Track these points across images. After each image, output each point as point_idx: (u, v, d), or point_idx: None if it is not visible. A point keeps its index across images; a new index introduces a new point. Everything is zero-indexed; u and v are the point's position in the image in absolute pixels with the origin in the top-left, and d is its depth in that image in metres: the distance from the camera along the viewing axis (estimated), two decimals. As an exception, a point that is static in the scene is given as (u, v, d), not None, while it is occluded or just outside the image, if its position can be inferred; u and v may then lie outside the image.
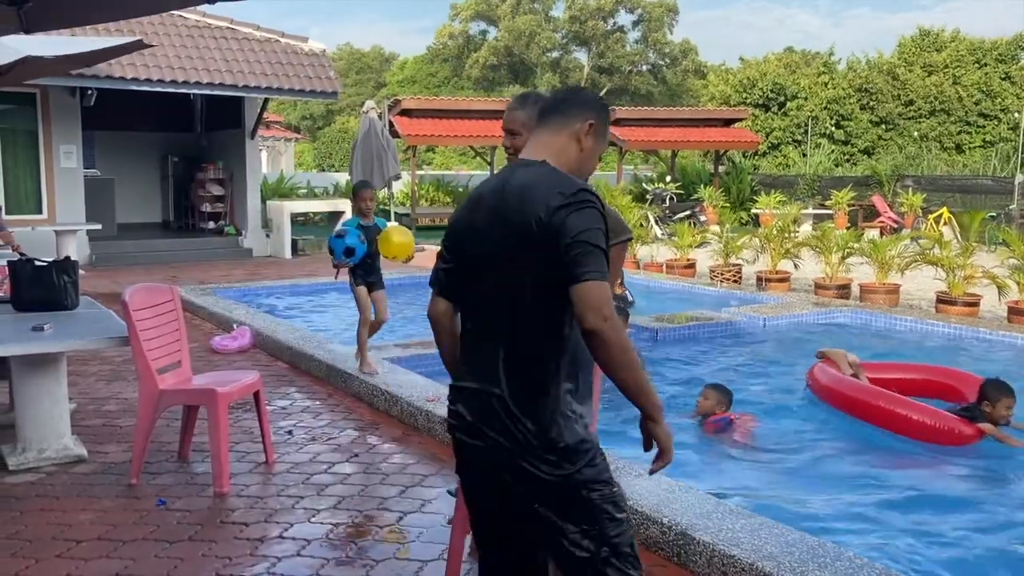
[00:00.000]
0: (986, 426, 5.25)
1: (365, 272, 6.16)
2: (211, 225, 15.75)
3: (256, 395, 4.70)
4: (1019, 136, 26.75)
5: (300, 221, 17.78)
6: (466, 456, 2.25)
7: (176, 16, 13.92)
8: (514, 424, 2.09)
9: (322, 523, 3.95)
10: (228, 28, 14.48)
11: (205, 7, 8.57)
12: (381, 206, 19.58)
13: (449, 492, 4.09)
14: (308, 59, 14.74)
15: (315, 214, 19.01)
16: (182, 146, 16.66)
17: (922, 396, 5.86)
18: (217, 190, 15.73)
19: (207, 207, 15.70)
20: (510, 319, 2.11)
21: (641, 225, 13.92)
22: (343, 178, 25.75)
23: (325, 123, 61.42)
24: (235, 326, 8.05)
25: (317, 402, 6.03)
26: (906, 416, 5.39)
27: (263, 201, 16.04)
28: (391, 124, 18.20)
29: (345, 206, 15.89)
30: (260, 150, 18.85)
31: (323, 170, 47.58)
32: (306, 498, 4.24)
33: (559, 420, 2.09)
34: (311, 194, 22.30)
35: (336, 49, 66.21)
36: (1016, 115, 29.61)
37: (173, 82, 13.23)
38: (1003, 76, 34.28)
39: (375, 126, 15.55)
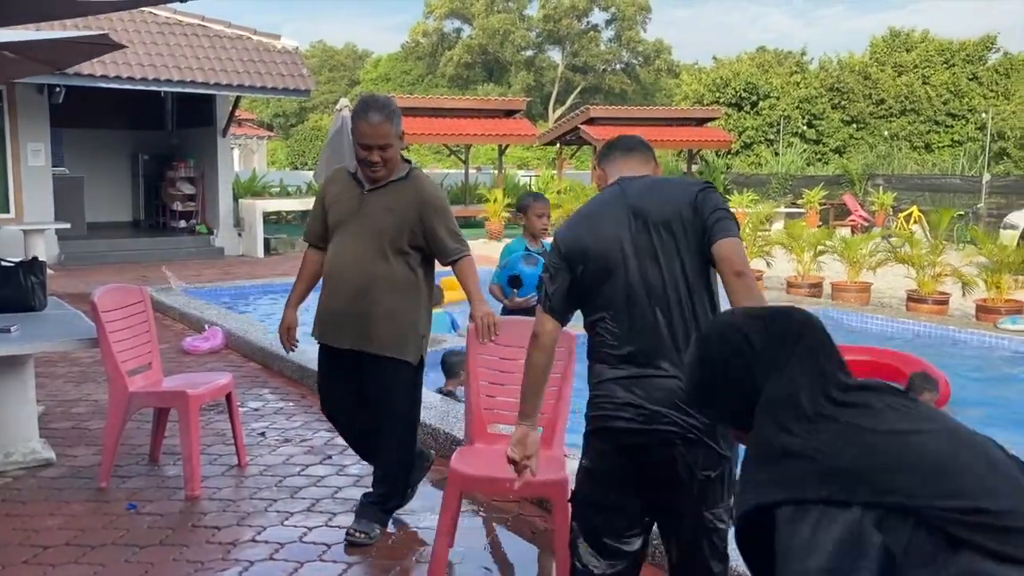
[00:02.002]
0: None
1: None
2: (182, 224, 15.59)
3: (228, 397, 4.66)
4: (986, 136, 27.14)
5: (273, 220, 17.65)
6: (631, 441, 2.40)
7: (146, 12, 13.76)
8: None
9: (296, 526, 3.92)
10: (199, 25, 14.34)
11: (176, 4, 8.47)
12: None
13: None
14: (281, 56, 14.63)
15: (288, 213, 18.87)
16: (153, 144, 16.47)
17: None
18: (188, 188, 15.58)
19: (178, 206, 15.54)
20: (675, 297, 2.40)
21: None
22: (316, 176, 25.58)
23: (298, 121, 61.05)
24: (206, 327, 7.97)
25: (290, 403, 5.98)
26: None
27: (235, 200, 15.90)
28: (365, 122, 18.10)
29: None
30: (232, 148, 18.69)
31: (296, 168, 47.29)
32: (279, 501, 4.21)
33: None
34: (284, 193, 22.12)
35: (309, 46, 65.77)
36: (983, 115, 30.01)
37: (144, 80, 13.08)
38: (970, 76, 34.74)
39: (347, 124, 15.46)
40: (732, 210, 2.46)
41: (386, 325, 3.56)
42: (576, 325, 8.24)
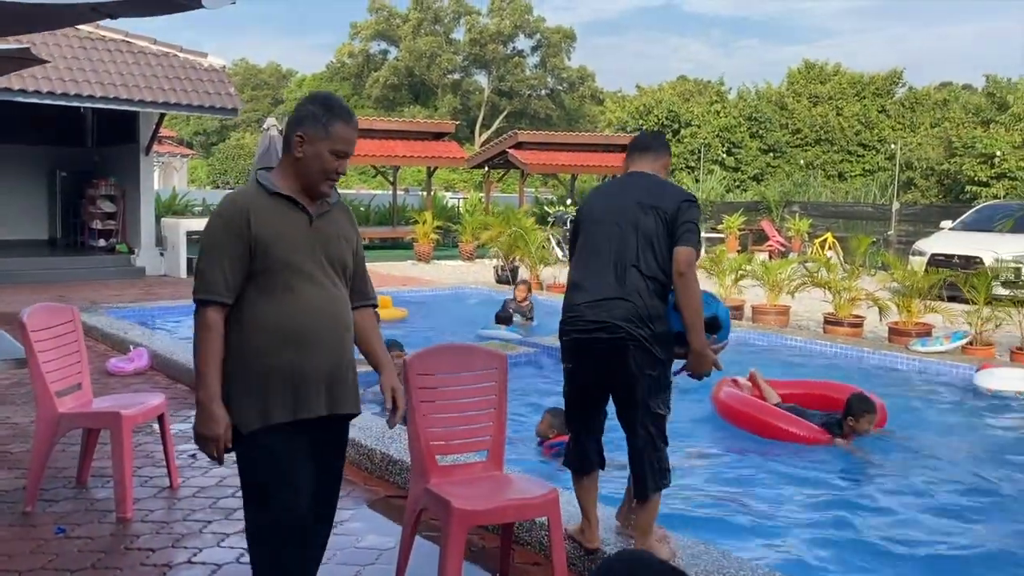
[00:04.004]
0: (838, 440, 5.83)
1: None
2: (102, 243, 15.19)
3: (161, 418, 4.60)
4: (895, 166, 28.35)
5: (195, 239, 17.31)
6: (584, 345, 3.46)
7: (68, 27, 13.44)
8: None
9: (232, 547, 3.89)
10: (123, 41, 14.07)
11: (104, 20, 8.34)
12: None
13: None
14: (207, 75, 14.45)
15: (212, 232, 18.54)
16: (72, 161, 16.02)
17: (813, 407, 6.31)
18: (109, 207, 15.20)
19: (98, 224, 15.15)
20: (631, 257, 3.38)
21: (543, 247, 14.14)
22: (240, 196, 25.20)
23: (220, 139, 60.10)
24: (131, 348, 7.81)
25: (221, 425, 5.89)
26: (784, 428, 5.94)
27: (157, 219, 15.58)
28: (292, 142, 17.94)
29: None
30: (154, 167, 18.31)
31: (218, 187, 46.45)
32: (214, 522, 4.17)
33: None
34: (207, 212, 21.78)
35: (231, 64, 64.87)
36: (892, 146, 31.36)
37: (64, 95, 12.76)
38: (880, 109, 36.33)
39: (275, 144, 15.33)
40: (696, 225, 3.36)
41: (354, 377, 2.87)
42: (508, 345, 8.23)
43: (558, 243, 17.22)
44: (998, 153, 28.08)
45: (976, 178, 28.45)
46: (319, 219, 2.77)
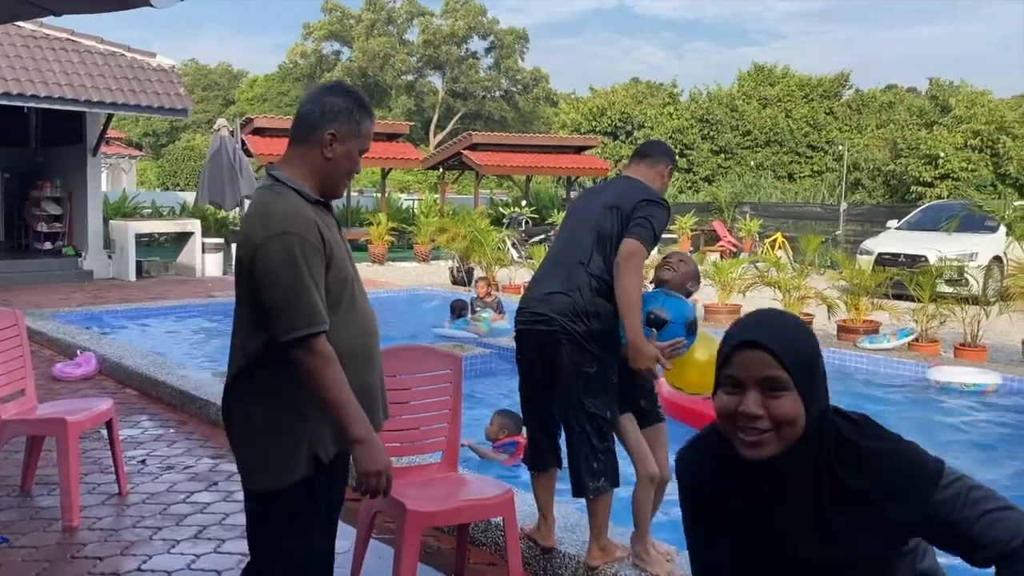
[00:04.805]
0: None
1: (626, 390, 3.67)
2: (48, 246, 14.87)
3: (109, 423, 4.51)
4: (843, 167, 28.89)
5: (145, 242, 17.04)
6: (525, 336, 3.52)
7: (9, 24, 13.13)
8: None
9: (183, 554, 3.83)
10: (68, 40, 13.78)
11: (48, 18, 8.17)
12: (232, 226, 19.00)
13: None
14: (156, 75, 14.22)
15: (161, 235, 18.25)
16: (15, 162, 15.64)
17: None
18: (54, 209, 14.88)
19: (43, 226, 14.82)
20: (582, 251, 3.42)
21: (499, 248, 14.14)
22: (191, 197, 24.86)
23: (169, 140, 59.10)
24: (78, 352, 7.65)
25: (171, 430, 5.82)
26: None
27: (105, 221, 15.28)
28: (243, 143, 17.75)
29: (195, 226, 15.36)
30: (102, 168, 17.96)
31: (168, 189, 45.70)
32: (164, 529, 4.10)
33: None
34: (156, 214, 21.42)
35: (181, 64, 63.87)
36: (840, 147, 31.95)
37: (6, 94, 12.47)
38: (827, 111, 36.96)
39: (226, 144, 15.14)
40: (652, 222, 3.34)
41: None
42: (466, 346, 8.21)
43: (513, 244, 17.25)
44: (941, 154, 28.78)
45: (921, 179, 29.12)
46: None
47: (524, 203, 23.28)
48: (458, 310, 10.11)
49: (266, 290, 2.25)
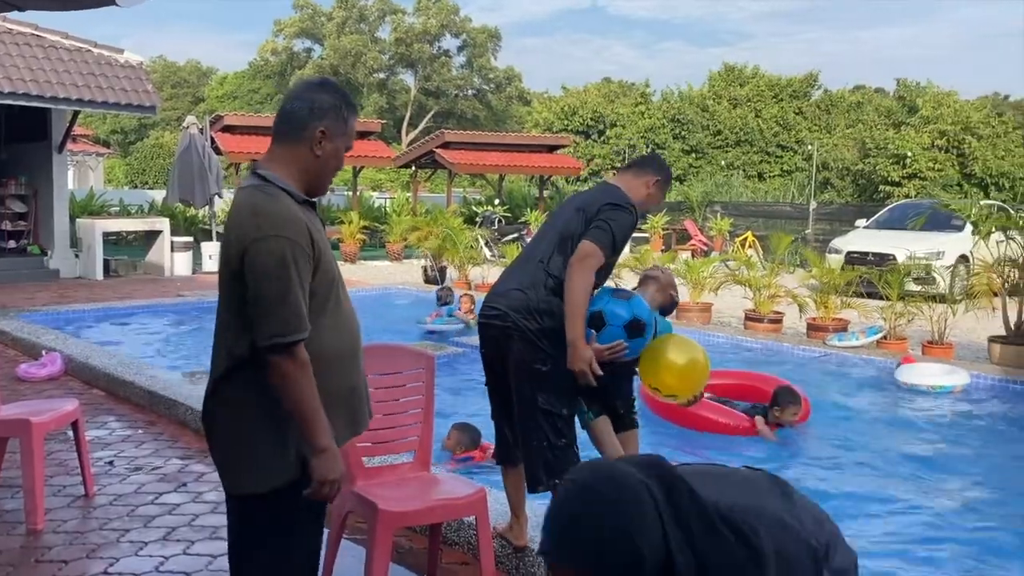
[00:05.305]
0: (758, 420, 6.02)
1: (601, 392, 3.58)
2: (12, 244, 14.62)
3: (75, 424, 4.44)
4: (812, 166, 29.17)
5: (112, 241, 16.83)
6: (483, 330, 3.57)
7: (-29, 19, 12.90)
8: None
9: (151, 556, 3.78)
10: (33, 35, 13.54)
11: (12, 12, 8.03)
12: (202, 225, 18.82)
13: None
14: (124, 71, 14.02)
15: (129, 233, 18.04)
16: (-23, 159, 15.36)
17: (739, 398, 6.44)
18: (19, 207, 14.64)
19: (7, 225, 14.57)
20: (546, 251, 3.46)
21: (472, 247, 14.12)
22: (160, 195, 24.59)
23: (138, 138, 58.45)
24: (43, 352, 7.53)
25: (139, 430, 5.74)
26: (713, 419, 6.08)
27: (72, 219, 15.06)
28: (213, 140, 17.58)
29: (164, 225, 15.18)
30: (68, 166, 17.71)
31: (136, 187, 45.16)
32: (132, 531, 4.04)
33: None
34: (124, 212, 21.17)
35: (149, 61, 63.14)
36: (809, 147, 32.26)
37: (-32, 90, 12.24)
38: (797, 111, 37.31)
39: (196, 142, 14.99)
40: (611, 225, 3.35)
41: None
42: (440, 346, 8.18)
43: (486, 243, 17.23)
44: (909, 154, 29.16)
45: (889, 178, 29.50)
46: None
47: (497, 202, 23.26)
48: (444, 298, 10.12)
49: (253, 292, 2.22)
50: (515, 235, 18.94)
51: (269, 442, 2.31)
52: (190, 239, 15.61)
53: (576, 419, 3.49)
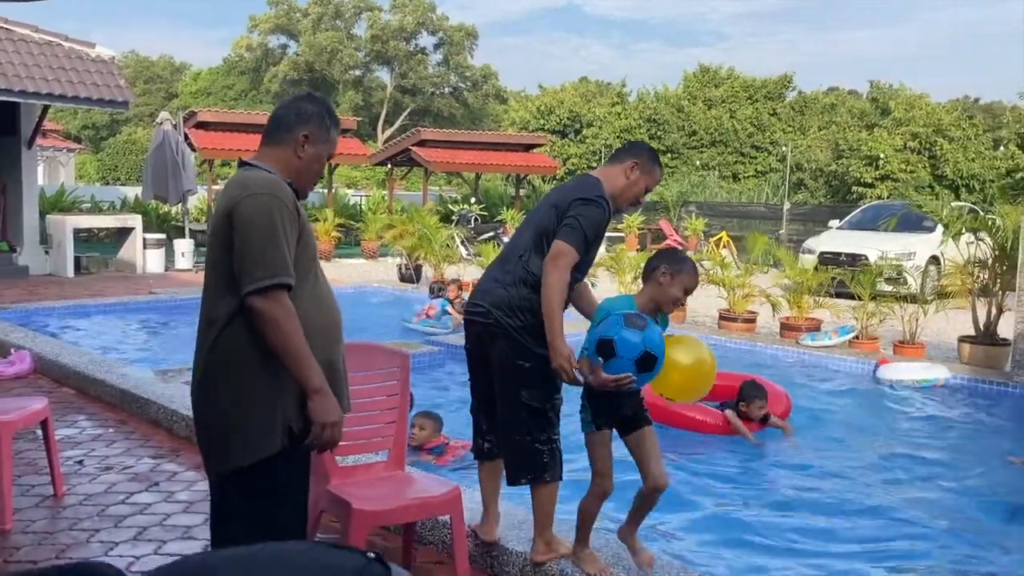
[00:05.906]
0: (728, 413, 6.07)
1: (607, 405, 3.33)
2: (-20, 241, 14.39)
3: (44, 423, 4.38)
4: (786, 167, 29.40)
5: (84, 237, 16.62)
6: (467, 327, 3.58)
7: (-60, 11, 12.70)
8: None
9: (121, 556, 3.74)
10: (2, 28, 13.35)
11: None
12: (175, 222, 18.64)
13: None
14: (96, 66, 13.86)
15: (100, 230, 17.82)
16: (-55, 153, 15.12)
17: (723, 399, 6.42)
18: (-13, 202, 14.42)
19: (-25, 221, 14.35)
20: (522, 247, 3.45)
21: (448, 246, 14.09)
22: (132, 192, 24.33)
23: (110, 133, 57.79)
24: (12, 350, 7.42)
25: (110, 429, 5.68)
26: (689, 416, 6.13)
27: (41, 216, 14.86)
28: (186, 136, 17.41)
29: (136, 222, 15.02)
30: (37, 161, 17.48)
31: (108, 183, 44.67)
32: (102, 531, 4.00)
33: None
34: (96, 209, 20.92)
35: (121, 56, 62.47)
36: (783, 148, 32.50)
37: (-64, 83, 12.04)
38: (771, 112, 37.56)
39: (169, 138, 14.86)
40: (581, 222, 3.28)
41: None
42: (414, 344, 8.15)
43: (463, 242, 17.20)
44: (881, 156, 29.47)
45: (862, 179, 29.79)
46: None
47: (473, 200, 23.23)
48: (437, 291, 10.12)
49: (240, 243, 2.39)
50: (491, 234, 18.92)
51: (260, 410, 2.43)
52: (163, 236, 15.46)
53: (579, 420, 3.42)
